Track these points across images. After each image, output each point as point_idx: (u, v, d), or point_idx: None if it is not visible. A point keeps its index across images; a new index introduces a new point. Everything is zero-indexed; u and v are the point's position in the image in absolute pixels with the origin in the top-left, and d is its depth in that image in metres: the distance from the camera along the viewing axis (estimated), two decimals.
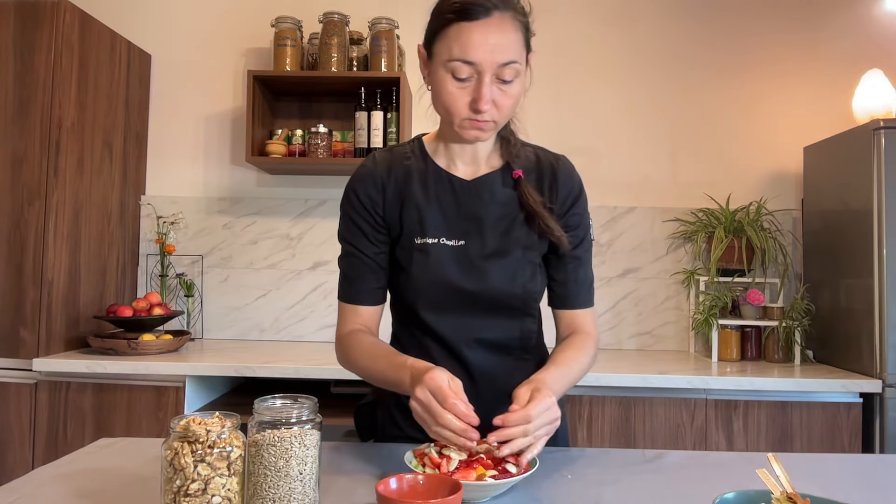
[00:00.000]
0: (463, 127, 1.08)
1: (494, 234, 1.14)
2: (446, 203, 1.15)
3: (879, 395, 2.09)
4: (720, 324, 2.45)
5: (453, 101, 1.05)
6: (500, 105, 1.05)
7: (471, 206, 1.15)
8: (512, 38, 1.03)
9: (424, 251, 1.13)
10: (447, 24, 1.03)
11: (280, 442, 0.78)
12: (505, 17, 1.02)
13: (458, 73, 1.03)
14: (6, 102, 2.22)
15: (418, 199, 1.15)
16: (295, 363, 2.15)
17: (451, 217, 1.15)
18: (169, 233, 2.66)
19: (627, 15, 2.78)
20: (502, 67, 1.02)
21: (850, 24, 2.74)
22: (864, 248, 2.19)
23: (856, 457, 1.24)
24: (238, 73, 2.80)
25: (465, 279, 1.12)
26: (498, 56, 1.01)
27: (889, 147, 2.13)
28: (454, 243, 1.14)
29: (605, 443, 2.10)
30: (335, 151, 2.60)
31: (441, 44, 1.04)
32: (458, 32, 1.02)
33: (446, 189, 1.16)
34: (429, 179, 1.16)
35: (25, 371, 2.15)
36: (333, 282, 1.20)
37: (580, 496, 0.91)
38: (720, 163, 2.75)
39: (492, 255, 1.13)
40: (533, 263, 1.16)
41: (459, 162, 1.18)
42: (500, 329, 1.16)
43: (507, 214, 1.15)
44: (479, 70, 1.02)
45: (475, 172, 1.18)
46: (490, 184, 1.16)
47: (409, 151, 1.20)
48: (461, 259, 1.13)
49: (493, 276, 1.13)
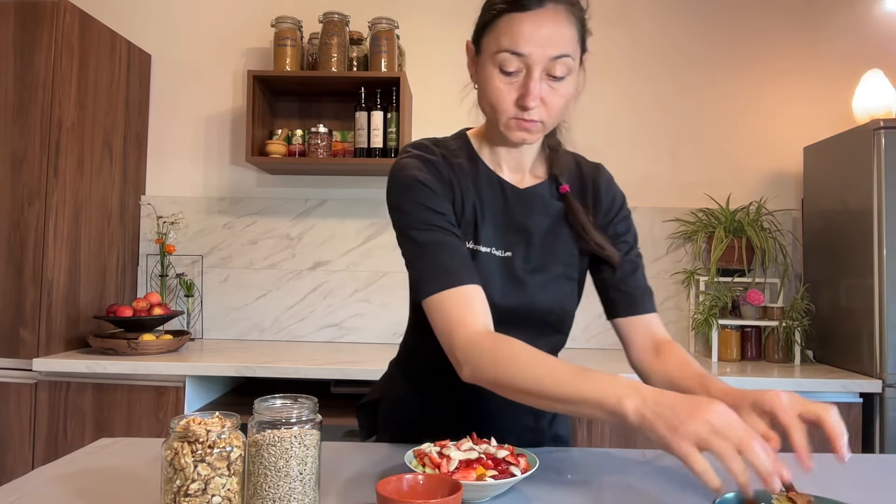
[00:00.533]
0: (509, 127, 1.01)
1: (540, 248, 1.09)
2: (498, 211, 1.09)
3: (879, 395, 2.09)
4: (720, 324, 2.45)
5: (500, 98, 0.99)
6: (549, 104, 0.99)
7: (521, 217, 1.09)
8: (566, 31, 0.97)
9: (473, 258, 1.05)
10: (497, 15, 0.98)
11: (280, 442, 0.78)
12: (559, 10, 0.97)
13: (507, 67, 0.97)
14: (6, 102, 2.22)
15: (474, 199, 1.07)
16: (295, 363, 2.14)
17: (501, 226, 1.09)
18: (169, 233, 2.66)
19: (628, 15, 2.78)
20: (553, 62, 0.96)
21: (850, 24, 2.74)
22: (864, 248, 2.19)
23: (856, 457, 1.24)
24: (238, 73, 2.80)
25: (506, 294, 1.06)
26: (550, 49, 0.96)
27: (889, 147, 2.13)
28: (502, 254, 1.07)
29: (605, 443, 2.10)
30: (335, 151, 2.60)
31: (490, 36, 0.99)
32: (508, 23, 0.96)
33: (498, 195, 1.09)
34: (480, 182, 1.09)
35: (25, 371, 2.15)
36: (334, 282, 1.19)
37: (580, 496, 0.91)
38: (720, 163, 2.75)
39: (535, 269, 1.09)
40: (572, 280, 1.12)
41: (505, 166, 1.11)
42: (532, 343, 1.07)
43: (553, 228, 1.11)
44: (529, 63, 0.96)
45: (522, 180, 1.11)
46: (541, 194, 1.11)
47: (457, 149, 1.11)
48: (506, 272, 1.07)
49: (534, 292, 1.08)
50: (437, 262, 0.99)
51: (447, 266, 0.98)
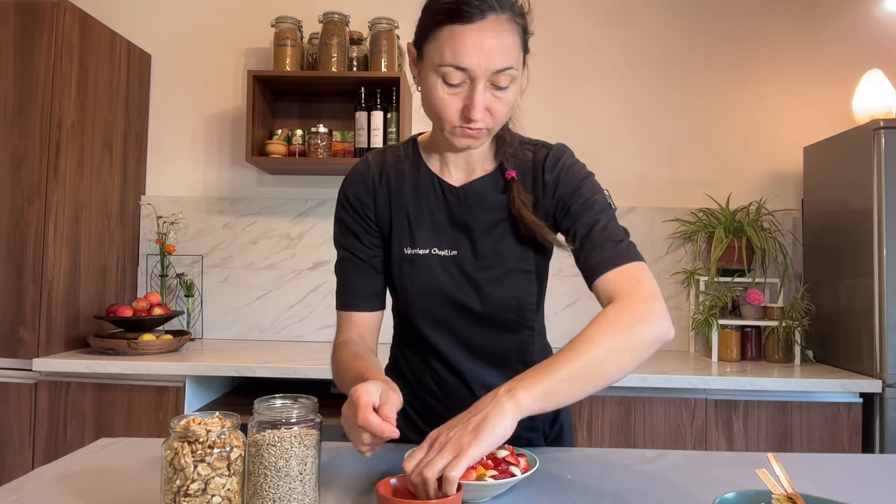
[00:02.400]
0: (454, 135, 1.01)
1: (486, 244, 1.09)
2: (437, 211, 1.11)
3: (879, 395, 2.09)
4: (720, 324, 2.45)
5: (444, 108, 0.98)
6: (494, 112, 0.99)
7: (461, 215, 1.10)
8: (508, 42, 0.96)
9: (413, 262, 1.09)
10: (438, 25, 0.96)
11: (280, 442, 0.78)
12: (501, 20, 0.95)
13: (450, 79, 0.96)
14: (6, 102, 2.22)
15: (409, 206, 1.11)
16: (295, 363, 2.15)
17: (442, 226, 1.10)
18: (169, 233, 2.66)
19: (628, 15, 2.78)
20: (497, 74, 0.95)
21: (850, 25, 2.74)
22: (864, 248, 2.19)
23: (856, 457, 1.24)
24: (238, 73, 2.80)
25: (459, 290, 1.08)
26: (493, 62, 0.94)
27: (889, 147, 2.13)
28: (446, 253, 1.09)
29: (605, 443, 2.10)
30: (335, 151, 2.60)
31: (432, 46, 0.97)
32: (450, 35, 0.94)
33: (438, 196, 1.11)
34: (420, 185, 1.12)
35: (25, 371, 2.15)
36: (333, 282, 1.19)
37: (580, 496, 0.91)
38: (720, 163, 2.75)
39: (484, 266, 1.09)
40: (528, 273, 1.10)
41: (452, 167, 1.12)
42: (496, 341, 1.12)
43: (500, 221, 1.10)
44: (473, 76, 0.95)
45: (468, 177, 1.12)
46: (480, 190, 1.11)
47: (403, 154, 1.15)
48: (453, 270, 1.09)
49: (486, 289, 1.08)
50: (340, 282, 1.16)
51: (346, 286, 1.15)
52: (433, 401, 1.16)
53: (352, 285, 1.14)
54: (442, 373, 1.14)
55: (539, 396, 0.86)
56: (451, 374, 1.14)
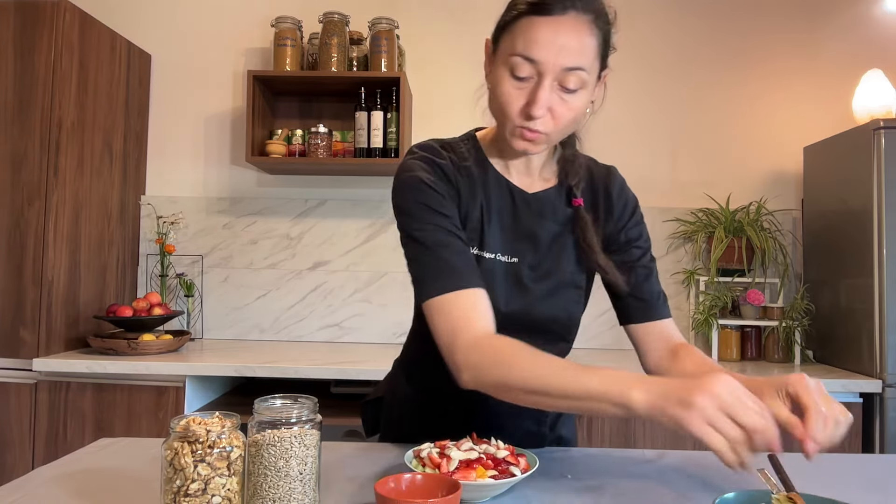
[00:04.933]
0: (513, 135, 0.98)
1: (547, 255, 1.08)
2: (505, 216, 1.07)
3: (879, 395, 2.09)
4: (720, 324, 2.45)
5: (508, 102, 0.96)
6: (557, 115, 0.95)
7: (529, 223, 1.07)
8: (584, 42, 0.93)
9: (479, 265, 1.03)
10: (518, 16, 0.94)
11: (280, 442, 0.78)
12: (581, 20, 0.93)
13: (518, 71, 0.93)
14: (6, 102, 2.22)
15: (480, 204, 1.06)
16: (295, 363, 2.14)
17: (507, 231, 1.07)
18: (169, 233, 2.66)
19: (627, 15, 2.76)
20: (566, 73, 0.93)
21: (850, 25, 2.74)
22: (864, 248, 2.19)
23: (856, 457, 1.24)
24: (238, 73, 2.80)
25: (511, 300, 1.05)
26: (564, 59, 0.92)
27: (889, 147, 2.13)
28: (507, 259, 1.06)
29: (605, 443, 2.09)
30: (335, 151, 2.60)
31: (507, 37, 0.96)
32: (526, 26, 0.93)
33: (507, 200, 1.07)
34: (489, 187, 1.07)
35: (25, 371, 2.15)
36: (334, 282, 1.19)
37: (580, 496, 0.91)
38: (720, 163, 2.75)
39: (541, 276, 1.07)
40: (578, 288, 1.10)
41: (514, 171, 1.09)
42: None
43: (562, 235, 1.09)
44: (541, 70, 0.93)
45: (531, 185, 1.09)
46: (550, 200, 1.09)
47: (466, 152, 1.09)
48: (511, 277, 1.06)
49: (539, 299, 1.06)
50: (441, 264, 0.96)
51: (451, 267, 0.96)
52: (446, 404, 1.14)
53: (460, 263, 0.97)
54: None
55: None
56: None
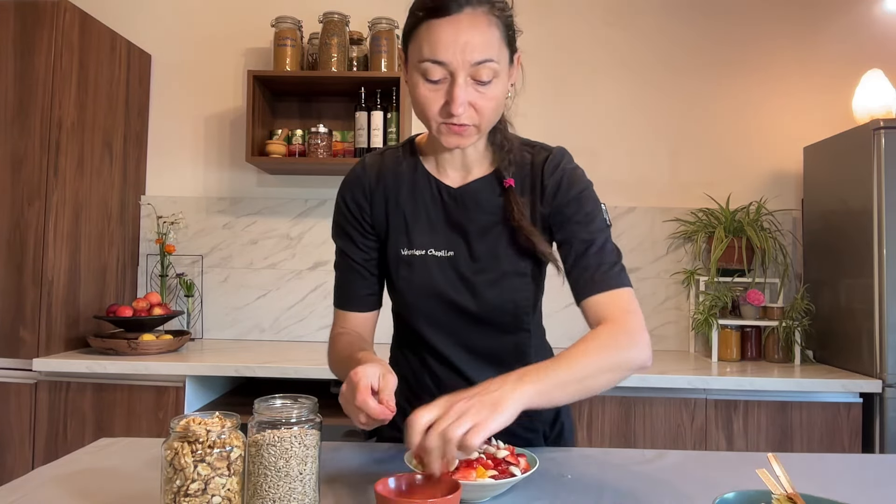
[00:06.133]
0: (441, 133, 1.01)
1: (482, 246, 1.09)
2: (434, 212, 1.11)
3: (879, 395, 2.09)
4: (720, 324, 2.45)
5: (427, 105, 0.99)
6: (479, 108, 0.98)
7: (457, 216, 1.10)
8: (487, 35, 0.96)
9: (411, 263, 1.10)
10: (418, 22, 0.98)
11: (280, 442, 0.78)
12: (478, 13, 0.96)
13: (430, 75, 0.97)
14: (6, 102, 2.22)
15: (406, 207, 1.11)
16: (295, 363, 2.15)
17: (439, 227, 1.10)
18: (169, 233, 2.66)
19: (627, 14, 2.78)
20: (476, 67, 0.96)
21: (850, 25, 2.74)
22: (864, 248, 2.19)
23: (856, 457, 1.24)
24: (238, 73, 2.80)
25: (455, 291, 1.09)
26: (470, 55, 0.95)
27: (889, 147, 2.13)
28: (443, 254, 1.09)
29: (605, 443, 2.10)
30: (335, 151, 2.60)
31: (413, 44, 1.00)
32: (427, 31, 0.97)
33: (435, 197, 1.11)
34: (418, 186, 1.12)
35: (25, 371, 2.15)
36: (333, 282, 1.19)
37: (580, 496, 0.91)
38: (720, 163, 2.75)
39: (480, 268, 1.09)
40: (523, 276, 1.10)
41: (449, 167, 1.12)
42: (493, 342, 1.13)
43: (496, 224, 1.09)
44: (451, 70, 0.96)
45: (464, 178, 1.12)
46: (476, 192, 1.11)
47: (401, 155, 1.15)
48: (450, 271, 1.09)
49: (483, 291, 1.08)
50: (337, 280, 1.18)
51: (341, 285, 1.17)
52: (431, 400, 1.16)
53: (346, 286, 1.17)
54: (440, 373, 1.15)
55: (539, 393, 0.87)
56: (449, 374, 1.14)
